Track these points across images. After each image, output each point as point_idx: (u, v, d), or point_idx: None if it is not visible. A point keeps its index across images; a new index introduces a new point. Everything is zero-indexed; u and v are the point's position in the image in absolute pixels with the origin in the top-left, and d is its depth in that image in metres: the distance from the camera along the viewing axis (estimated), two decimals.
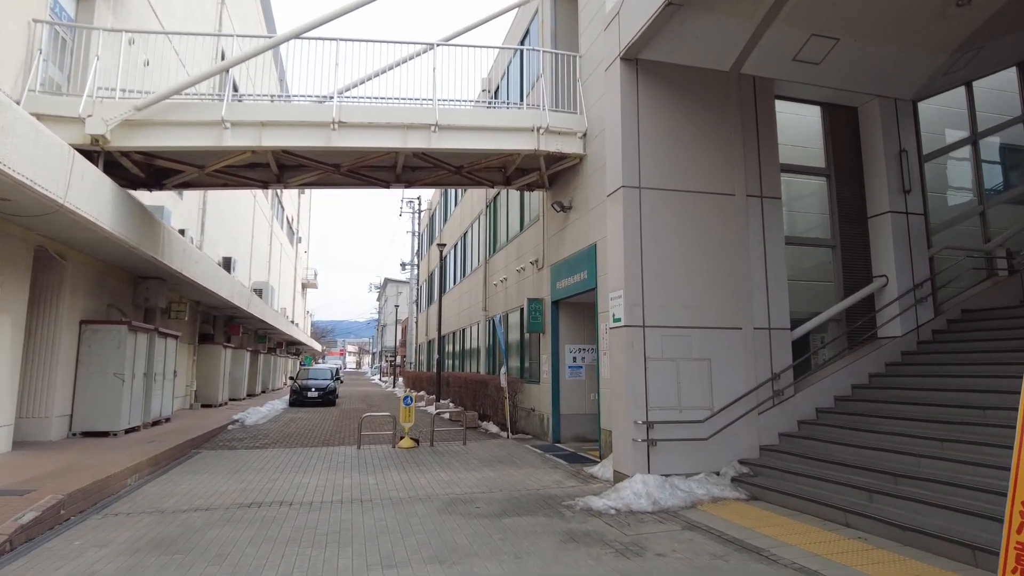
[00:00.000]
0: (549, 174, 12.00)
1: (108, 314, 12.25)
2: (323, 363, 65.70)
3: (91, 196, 8.45)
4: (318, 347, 72.21)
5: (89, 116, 8.86)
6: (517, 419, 13.38)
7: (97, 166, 9.25)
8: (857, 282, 9.47)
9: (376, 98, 10.62)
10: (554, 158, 11.28)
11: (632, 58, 8.19)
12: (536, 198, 13.95)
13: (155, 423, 13.14)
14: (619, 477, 7.67)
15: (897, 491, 5.87)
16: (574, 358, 12.38)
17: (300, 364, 47.06)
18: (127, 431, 11.57)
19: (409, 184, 12.11)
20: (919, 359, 8.65)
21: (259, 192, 29.75)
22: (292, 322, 44.33)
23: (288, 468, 9.40)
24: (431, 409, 20.31)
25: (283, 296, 41.04)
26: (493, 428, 14.03)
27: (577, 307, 12.46)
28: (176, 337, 14.66)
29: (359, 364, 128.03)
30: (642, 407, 7.56)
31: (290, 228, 46.14)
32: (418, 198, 41.54)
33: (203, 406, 19.05)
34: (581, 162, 11.21)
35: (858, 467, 6.52)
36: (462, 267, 23.57)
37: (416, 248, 43.82)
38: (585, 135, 11.02)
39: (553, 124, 10.68)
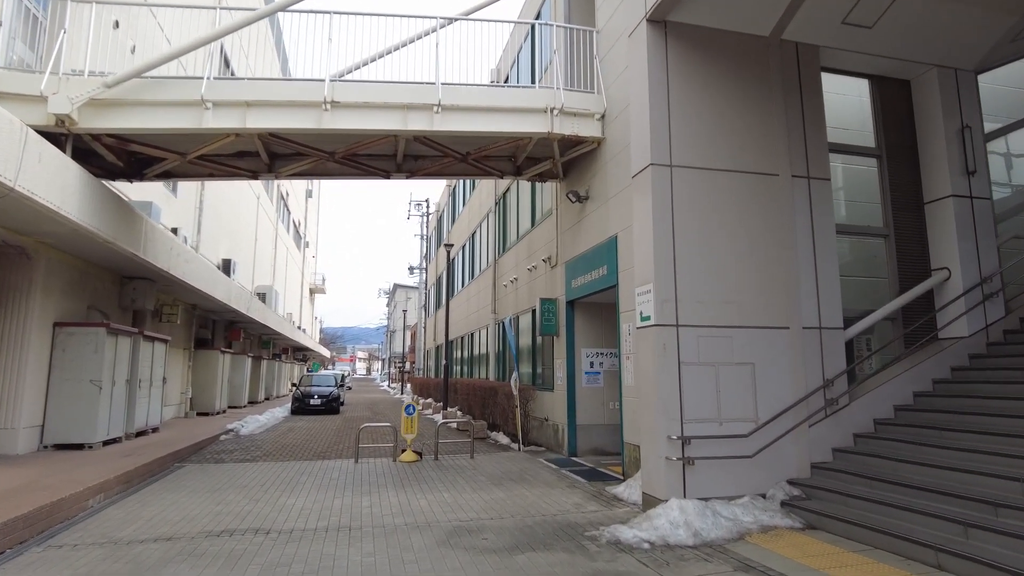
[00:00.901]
0: (563, 161, 10.99)
1: (88, 316, 11.37)
2: (332, 369, 64.96)
3: (52, 182, 7.54)
4: (327, 353, 71.53)
5: (53, 94, 7.97)
6: (529, 429, 12.34)
7: (64, 151, 8.37)
8: (913, 276, 8.37)
9: (374, 81, 9.66)
10: (569, 143, 10.27)
11: (660, 20, 7.18)
12: (549, 190, 12.94)
13: (140, 433, 12.23)
14: (650, 501, 6.60)
15: (1000, 525, 4.77)
16: (591, 363, 11.33)
17: (307, 370, 46.31)
18: (105, 443, 10.66)
19: (411, 174, 11.15)
20: (992, 363, 7.52)
21: (263, 193, 29.00)
22: (299, 328, 43.57)
23: (275, 486, 8.42)
24: (439, 417, 19.32)
25: (289, 301, 40.28)
26: (503, 439, 12.99)
27: (594, 307, 11.42)
28: (165, 341, 13.77)
29: (369, 370, 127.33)
30: (676, 420, 6.51)
31: (297, 232, 45.46)
32: (426, 200, 40.72)
33: (199, 414, 18.17)
34: (599, 147, 10.20)
35: (942, 492, 5.43)
36: (470, 269, 22.60)
37: (424, 251, 42.97)
38: (603, 117, 10.01)
39: (568, 104, 9.68)
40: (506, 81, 16.93)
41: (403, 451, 10.76)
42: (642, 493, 6.88)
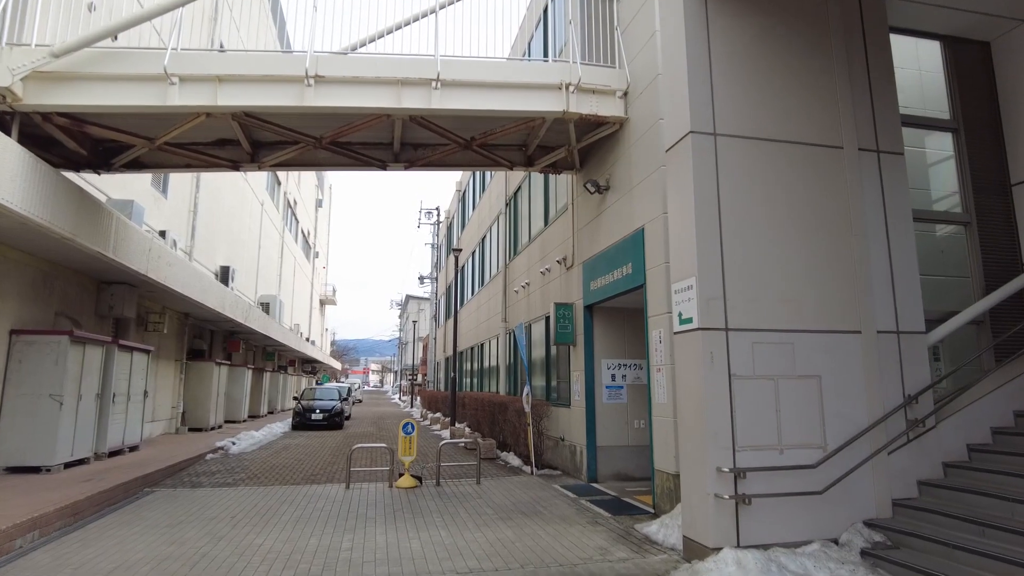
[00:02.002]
0: (581, 147, 9.78)
1: (56, 324, 10.32)
2: (346, 381, 63.87)
3: None
4: (337, 365, 70.57)
5: None
6: (543, 450, 11.04)
7: (9, 132, 7.32)
8: (1001, 271, 7.02)
9: (363, 53, 8.54)
10: (587, 124, 9.06)
11: None
12: (563, 184, 11.73)
13: (114, 453, 11.09)
14: (695, 549, 5.29)
15: None
16: (613, 376, 10.04)
17: (316, 383, 45.28)
18: (69, 465, 9.53)
19: (410, 164, 10.00)
20: None
21: (267, 200, 28.12)
22: (308, 339, 42.61)
23: (247, 519, 7.21)
24: (446, 434, 18.05)
25: (297, 312, 39.36)
26: (514, 460, 11.69)
27: (616, 312, 10.14)
28: (147, 352, 12.67)
29: (382, 382, 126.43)
30: (727, 448, 5.21)
31: (306, 242, 44.67)
32: (436, 208, 39.71)
33: (192, 430, 17.06)
34: (621, 128, 8.98)
35: None
36: (480, 276, 21.40)
37: (435, 261, 41.91)
38: (626, 94, 8.80)
39: (586, 80, 8.49)
40: None
41: (400, 475, 9.51)
42: (683, 537, 5.56)
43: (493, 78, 8.29)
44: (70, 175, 9.24)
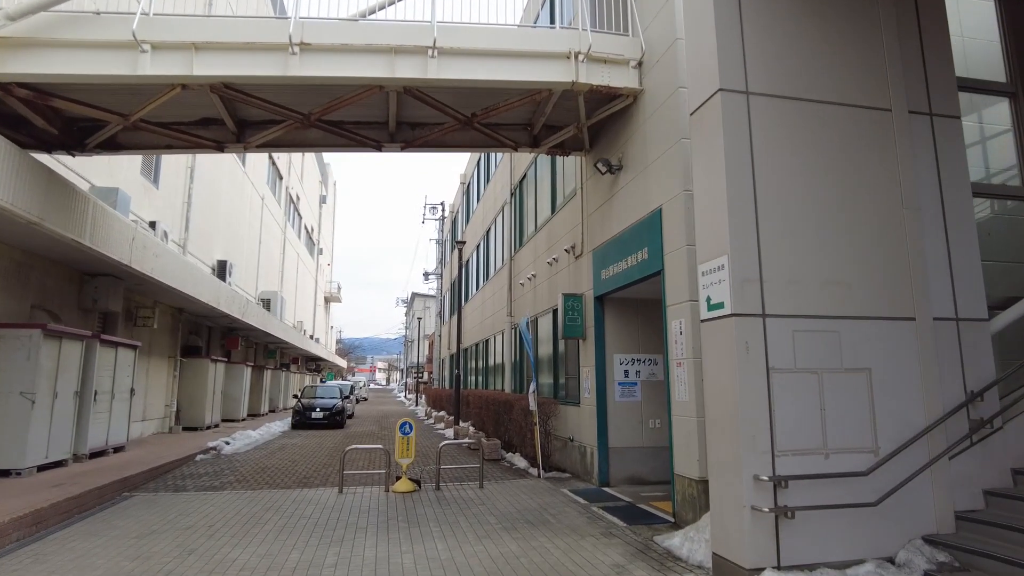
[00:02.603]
0: (591, 124, 9.06)
1: (32, 317, 9.71)
2: (352, 379, 63.32)
3: None
4: (342, 363, 70.12)
5: None
6: (551, 451, 10.34)
7: None
8: None
9: (353, 19, 7.85)
10: (599, 98, 8.34)
11: None
12: (572, 167, 11.01)
13: (96, 454, 10.48)
14: (727, 569, 4.57)
15: None
16: (626, 372, 9.32)
17: (321, 381, 44.76)
18: (44, 467, 8.92)
19: (407, 145, 9.31)
20: None
21: (267, 194, 27.54)
22: (312, 337, 42.07)
23: (226, 528, 6.55)
24: (450, 433, 17.39)
25: (300, 309, 38.82)
26: (520, 462, 10.99)
27: (630, 304, 9.43)
28: (134, 347, 12.06)
29: (388, 380, 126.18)
30: (765, 452, 4.49)
31: (310, 238, 44.12)
32: (441, 203, 39.07)
33: (186, 429, 16.46)
34: (635, 102, 8.25)
35: None
36: (485, 270, 20.72)
37: (440, 257, 41.26)
38: (640, 64, 8.07)
39: (597, 48, 7.77)
40: None
41: (397, 479, 8.84)
42: (712, 555, 4.84)
43: (495, 46, 7.58)
44: (48, 160, 8.62)
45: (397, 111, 8.72)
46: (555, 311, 11.60)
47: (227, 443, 13.93)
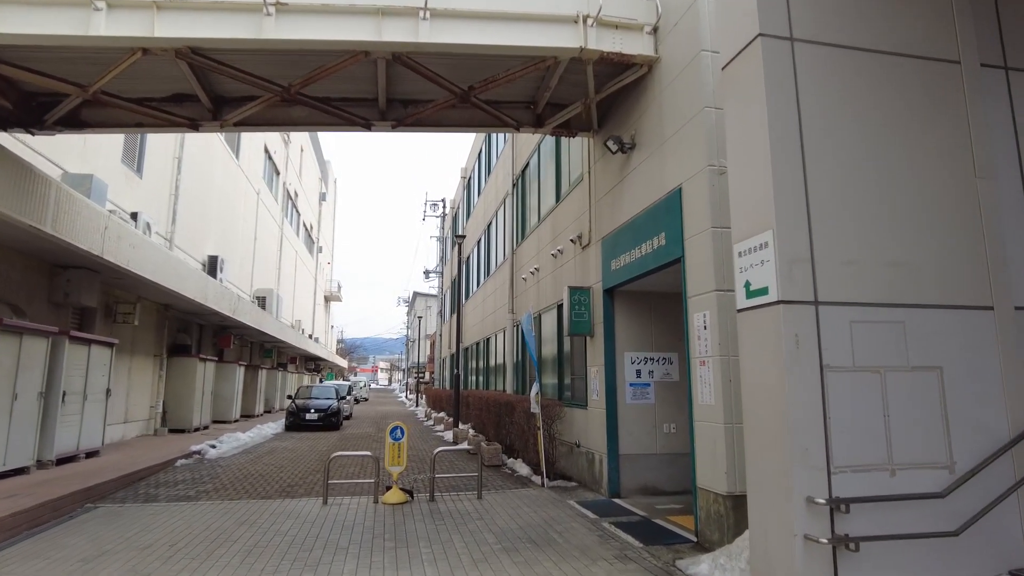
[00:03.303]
0: (600, 100, 8.26)
1: None
2: (355, 378, 62.53)
3: None
4: (343, 363, 69.40)
5: None
6: (556, 457, 9.53)
7: None
8: None
9: None
10: (609, 67, 7.55)
11: None
12: (578, 151, 10.21)
13: (66, 460, 9.72)
14: None
15: None
16: (638, 372, 8.52)
17: (320, 381, 44.00)
18: (4, 475, 8.16)
19: (398, 123, 8.52)
20: None
21: (263, 188, 26.79)
22: (311, 336, 41.34)
23: (189, 548, 5.77)
24: (449, 436, 16.61)
25: (299, 308, 38.09)
26: (522, 469, 10.19)
27: (642, 297, 8.63)
28: (110, 345, 11.30)
29: (390, 380, 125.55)
30: (820, 468, 3.69)
31: (308, 236, 43.38)
32: (443, 200, 38.31)
33: (172, 431, 15.71)
34: (650, 72, 7.45)
35: None
36: (486, 266, 19.93)
37: (441, 255, 40.50)
38: (656, 29, 7.27)
39: (608, 11, 6.97)
40: None
41: (387, 488, 8.06)
42: None
43: (494, 7, 6.78)
44: (11, 142, 7.87)
45: (387, 85, 7.93)
46: (560, 306, 10.80)
47: (213, 446, 13.17)
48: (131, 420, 14.13)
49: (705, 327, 5.88)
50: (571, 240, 10.05)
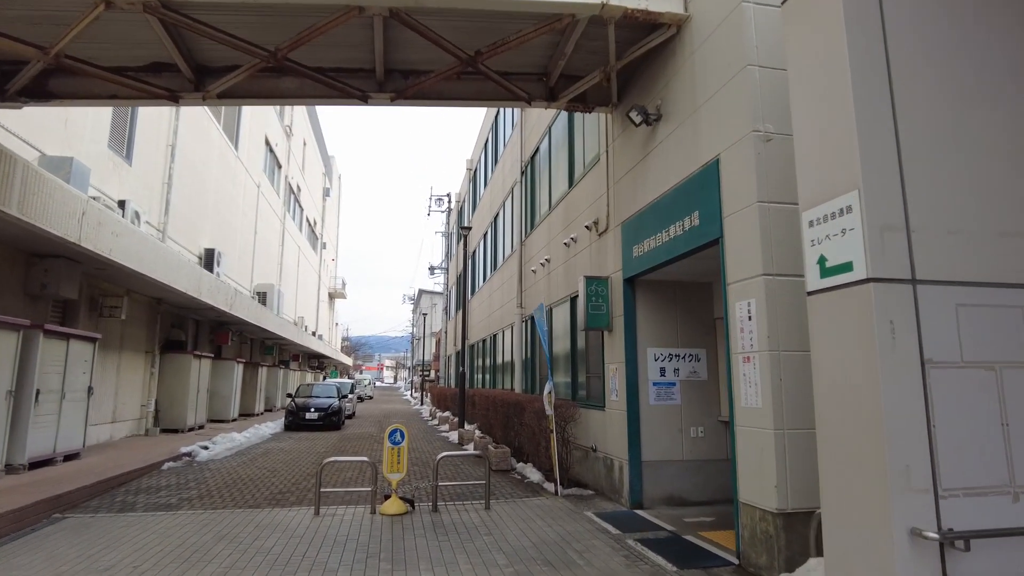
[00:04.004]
0: (621, 67, 7.44)
1: None
2: (356, 377, 61.92)
3: None
4: (348, 361, 68.83)
5: None
6: (570, 462, 8.75)
7: None
8: None
9: None
10: (632, 30, 6.76)
11: None
12: (593, 128, 9.41)
13: (40, 464, 9.02)
14: None
15: None
16: (662, 370, 7.73)
17: (324, 379, 43.36)
18: None
19: (398, 95, 7.75)
20: None
21: (264, 181, 26.09)
22: (314, 333, 40.69)
23: (156, 570, 5.02)
24: (454, 436, 15.85)
25: (302, 304, 37.43)
26: (532, 474, 9.41)
27: (667, 287, 7.84)
28: (92, 340, 10.59)
29: (396, 379, 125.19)
30: (925, 491, 2.89)
31: (312, 231, 42.73)
32: (447, 195, 37.58)
33: (165, 431, 15.02)
34: (678, 34, 6.64)
35: None
36: (493, 259, 19.16)
37: (446, 250, 39.77)
38: None
39: None
40: None
41: (386, 497, 7.30)
42: None
43: None
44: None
45: (384, 52, 7.17)
46: (573, 299, 10.02)
47: (205, 448, 12.47)
48: (120, 420, 13.44)
49: (750, 317, 5.08)
50: (586, 227, 9.25)
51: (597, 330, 8.45)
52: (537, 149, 13.36)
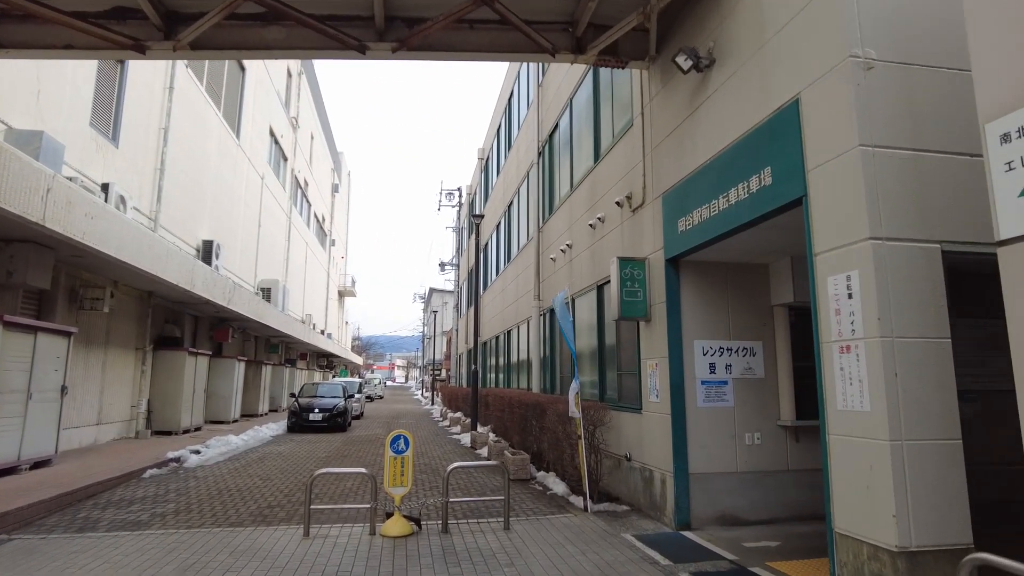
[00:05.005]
0: (664, 7, 6.29)
1: None
2: (367, 376, 61.04)
3: None
4: (358, 360, 68.00)
5: None
6: (601, 473, 7.61)
7: None
8: None
9: None
10: None
11: None
12: (625, 91, 8.25)
13: (3, 472, 8.01)
14: None
15: None
16: (711, 366, 6.57)
17: (333, 377, 42.47)
18: None
19: (400, 44, 6.64)
20: None
21: (268, 173, 25.13)
22: (323, 332, 39.77)
23: None
24: (466, 439, 14.75)
25: (310, 302, 36.52)
26: (556, 485, 8.27)
27: (717, 269, 6.69)
28: (67, 334, 9.59)
29: (407, 378, 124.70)
30: None
31: (320, 228, 41.82)
32: (459, 189, 36.53)
33: (158, 433, 14.05)
34: None
35: None
36: (506, 250, 18.03)
37: (457, 246, 38.71)
38: None
39: None
40: None
41: (388, 515, 6.20)
42: None
43: None
44: None
45: None
46: (600, 287, 8.89)
47: (197, 452, 11.46)
48: (107, 421, 12.47)
49: (850, 295, 3.92)
50: (616, 203, 8.10)
51: (632, 320, 7.29)
52: (556, 126, 12.21)
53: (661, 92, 6.95)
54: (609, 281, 8.45)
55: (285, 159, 29.09)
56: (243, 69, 20.98)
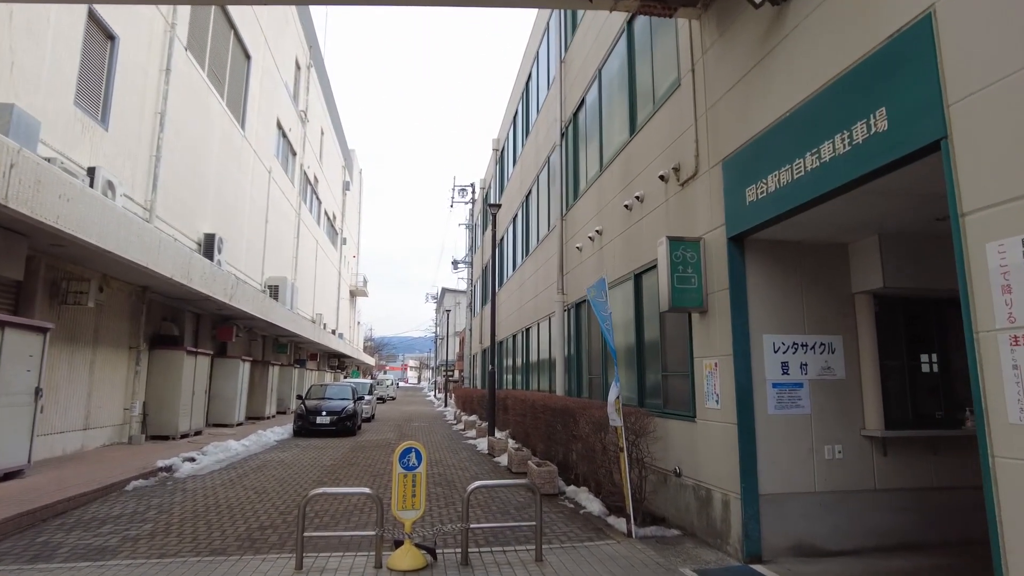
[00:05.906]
0: None
1: None
2: (379, 376, 60.19)
3: None
4: (371, 361, 67.21)
5: None
6: (645, 491, 6.51)
7: None
8: None
9: None
10: None
11: None
12: (668, 48, 7.15)
13: None
14: None
15: None
16: (784, 365, 5.46)
17: (345, 378, 41.62)
18: None
19: None
20: None
21: (275, 167, 24.25)
22: (334, 331, 38.91)
23: None
24: (483, 445, 13.70)
25: (320, 300, 35.67)
26: (590, 503, 7.18)
27: (788, 250, 5.59)
28: (42, 331, 8.66)
29: (420, 379, 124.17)
30: None
31: (331, 226, 40.98)
32: (471, 185, 35.53)
33: (153, 438, 13.14)
34: None
35: None
36: (524, 243, 16.96)
37: (470, 243, 37.71)
38: None
39: None
40: None
41: (396, 544, 5.16)
42: None
43: None
44: None
45: None
46: (638, 276, 7.80)
47: (191, 459, 10.53)
48: (95, 426, 11.56)
49: (1021, 267, 2.82)
50: (660, 177, 7.00)
51: (682, 311, 6.19)
52: (581, 103, 11.13)
53: (718, 42, 5.85)
54: (648, 269, 7.39)
55: (294, 154, 28.23)
56: (248, 57, 20.10)
